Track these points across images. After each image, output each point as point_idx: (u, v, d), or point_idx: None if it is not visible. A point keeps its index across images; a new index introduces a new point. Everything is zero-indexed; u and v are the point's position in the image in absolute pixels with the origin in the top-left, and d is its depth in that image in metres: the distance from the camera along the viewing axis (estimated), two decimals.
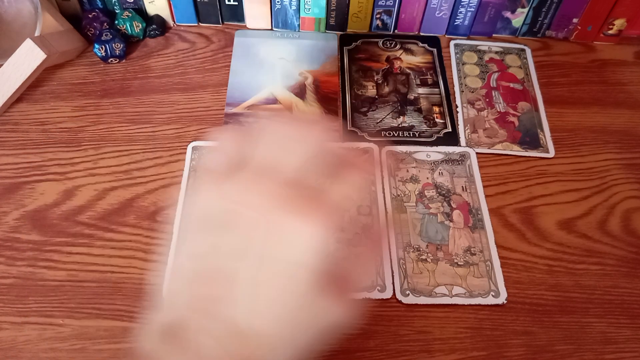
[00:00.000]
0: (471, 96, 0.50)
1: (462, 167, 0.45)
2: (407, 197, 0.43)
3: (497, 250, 0.40)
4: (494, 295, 0.38)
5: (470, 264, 0.40)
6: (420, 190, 0.43)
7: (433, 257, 0.40)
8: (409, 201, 0.43)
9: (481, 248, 0.41)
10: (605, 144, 0.47)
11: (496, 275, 0.39)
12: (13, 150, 0.45)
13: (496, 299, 0.38)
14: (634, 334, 0.37)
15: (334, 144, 0.26)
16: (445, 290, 0.38)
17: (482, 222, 0.42)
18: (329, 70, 0.52)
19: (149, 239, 0.41)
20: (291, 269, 0.23)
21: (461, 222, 0.42)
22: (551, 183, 0.45)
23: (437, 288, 0.38)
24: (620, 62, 0.54)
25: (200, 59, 0.52)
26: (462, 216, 0.42)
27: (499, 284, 0.39)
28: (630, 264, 0.41)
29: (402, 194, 0.43)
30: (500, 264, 0.40)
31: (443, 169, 0.45)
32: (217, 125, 0.47)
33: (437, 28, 0.55)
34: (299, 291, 0.23)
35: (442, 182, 0.44)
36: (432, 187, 0.44)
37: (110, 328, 0.36)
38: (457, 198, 0.43)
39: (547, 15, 0.53)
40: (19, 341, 0.36)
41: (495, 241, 0.41)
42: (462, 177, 0.44)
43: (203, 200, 0.25)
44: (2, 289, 0.38)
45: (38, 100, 0.48)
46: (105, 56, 0.50)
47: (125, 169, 0.44)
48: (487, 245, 0.41)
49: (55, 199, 0.42)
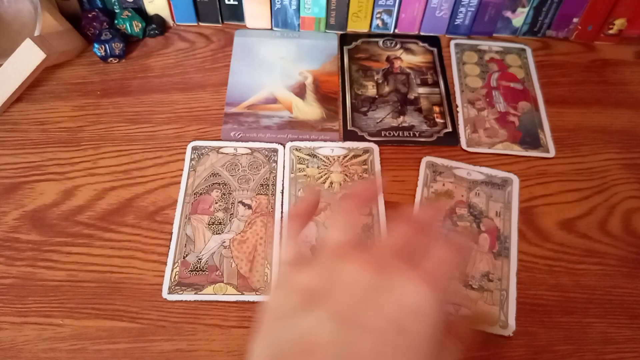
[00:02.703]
0: (471, 96, 0.50)
1: (501, 192, 0.43)
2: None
3: (516, 283, 0.39)
4: (501, 325, 0.37)
5: (485, 290, 0.39)
6: (452, 207, 0.43)
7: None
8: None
9: (500, 276, 0.39)
10: (605, 144, 0.47)
11: (509, 307, 0.38)
12: (12, 150, 0.45)
13: (503, 329, 0.37)
14: (634, 334, 0.37)
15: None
16: (452, 309, 0.38)
17: (508, 250, 0.41)
18: (329, 70, 0.52)
19: (149, 239, 0.41)
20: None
21: (486, 246, 0.41)
22: (551, 183, 0.45)
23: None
24: (621, 62, 0.53)
25: (200, 59, 0.52)
26: (489, 241, 0.41)
27: (509, 315, 0.38)
28: (631, 264, 0.40)
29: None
30: (517, 296, 0.39)
31: (481, 190, 0.43)
32: (216, 124, 0.47)
33: (437, 28, 0.54)
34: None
35: (476, 203, 0.43)
36: (465, 205, 0.43)
37: (110, 328, 0.36)
38: (488, 222, 0.42)
39: (547, 15, 0.53)
40: (18, 341, 0.36)
41: (517, 273, 0.40)
42: (498, 202, 0.43)
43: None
44: (2, 289, 0.38)
45: (37, 100, 0.48)
46: (105, 56, 0.50)
47: (125, 169, 0.44)
48: (507, 274, 0.40)
49: (55, 199, 0.42)
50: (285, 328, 0.26)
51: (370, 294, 0.25)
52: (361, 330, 0.24)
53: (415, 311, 0.25)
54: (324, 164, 0.44)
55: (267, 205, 0.42)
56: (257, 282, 0.39)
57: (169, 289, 0.38)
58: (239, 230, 0.41)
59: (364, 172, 0.44)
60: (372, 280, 0.26)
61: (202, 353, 0.36)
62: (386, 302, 0.25)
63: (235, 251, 0.40)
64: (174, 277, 0.39)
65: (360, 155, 0.45)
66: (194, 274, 0.39)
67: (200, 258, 0.40)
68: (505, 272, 0.40)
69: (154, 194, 0.43)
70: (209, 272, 0.39)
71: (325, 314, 0.25)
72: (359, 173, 0.44)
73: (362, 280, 0.26)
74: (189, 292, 0.38)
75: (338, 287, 0.26)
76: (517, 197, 0.43)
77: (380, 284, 0.25)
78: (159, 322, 0.37)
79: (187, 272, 0.39)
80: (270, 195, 0.43)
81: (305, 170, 0.44)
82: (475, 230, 0.41)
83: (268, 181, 0.44)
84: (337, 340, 0.24)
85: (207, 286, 0.38)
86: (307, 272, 0.28)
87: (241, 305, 0.38)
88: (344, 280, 0.26)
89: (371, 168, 0.44)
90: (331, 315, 0.25)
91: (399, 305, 0.25)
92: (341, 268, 0.26)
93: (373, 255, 0.27)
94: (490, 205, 0.43)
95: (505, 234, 0.42)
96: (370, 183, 0.35)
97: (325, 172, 0.44)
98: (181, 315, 0.37)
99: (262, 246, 0.40)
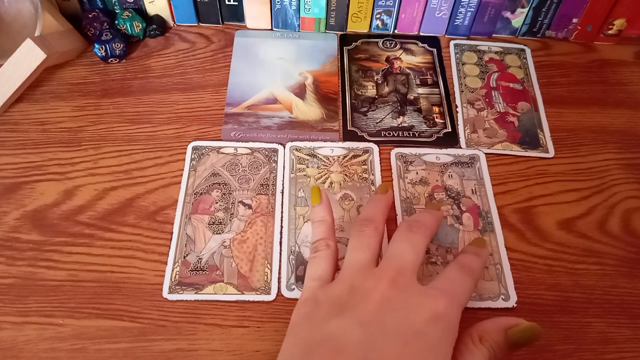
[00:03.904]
0: (471, 96, 0.50)
1: (471, 170, 0.44)
2: (417, 199, 0.43)
3: (507, 254, 0.40)
4: (503, 298, 0.38)
5: None
6: (430, 193, 0.43)
7: (443, 260, 0.40)
8: (418, 203, 0.43)
9: (491, 251, 0.40)
10: (605, 144, 0.47)
11: (506, 279, 0.39)
12: (13, 150, 0.45)
13: (506, 302, 0.38)
14: (634, 334, 0.37)
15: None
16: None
17: (492, 225, 0.42)
18: (329, 70, 0.52)
19: (149, 238, 0.41)
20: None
21: (471, 225, 0.42)
22: (551, 183, 0.45)
23: None
24: (620, 62, 0.54)
25: (200, 59, 0.52)
26: (472, 219, 0.42)
27: (509, 287, 0.39)
28: (630, 264, 0.41)
29: (411, 197, 0.43)
30: (510, 267, 0.40)
31: (452, 172, 0.44)
32: (217, 125, 0.47)
33: (437, 28, 0.55)
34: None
35: (451, 185, 0.44)
36: (442, 189, 0.43)
37: (110, 328, 0.37)
38: (466, 201, 0.43)
39: (547, 15, 0.53)
40: (19, 341, 0.36)
41: (507, 244, 0.41)
42: (471, 179, 0.44)
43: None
44: (2, 289, 0.38)
45: (38, 100, 0.48)
46: (105, 56, 0.50)
47: (125, 169, 0.44)
48: (497, 248, 0.40)
49: (55, 199, 0.42)
50: (316, 329, 0.29)
51: (391, 304, 0.30)
52: (385, 333, 0.28)
53: (431, 318, 0.29)
54: (323, 164, 0.45)
55: (267, 205, 0.42)
56: (257, 281, 0.39)
57: (170, 289, 0.38)
58: (239, 230, 0.41)
59: (363, 172, 0.44)
60: (390, 293, 0.30)
61: (202, 352, 0.36)
62: (405, 311, 0.29)
63: (236, 251, 0.40)
64: (174, 277, 0.39)
65: (360, 155, 0.45)
66: (195, 274, 0.39)
67: (200, 258, 0.40)
68: (495, 246, 0.41)
69: (155, 194, 0.43)
70: (209, 272, 0.39)
71: (353, 319, 0.29)
72: (359, 173, 0.44)
73: (383, 293, 0.30)
74: (190, 291, 0.38)
75: (362, 298, 0.30)
76: (487, 171, 0.44)
77: (398, 297, 0.30)
78: (159, 321, 0.37)
79: (187, 271, 0.39)
80: (271, 195, 0.43)
81: (305, 170, 0.44)
82: (457, 211, 0.42)
83: (268, 181, 0.44)
84: (364, 340, 0.28)
85: (208, 286, 0.38)
86: (333, 286, 0.32)
87: (241, 304, 0.38)
88: (366, 293, 0.30)
89: (371, 168, 0.44)
90: (359, 321, 0.29)
91: (416, 313, 0.29)
92: (364, 283, 0.31)
93: (390, 272, 0.31)
94: (465, 185, 0.44)
95: (485, 209, 0.42)
96: (433, 214, 0.38)
97: (325, 172, 0.44)
98: (181, 314, 0.37)
99: (262, 246, 0.40)
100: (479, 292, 0.38)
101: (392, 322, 0.29)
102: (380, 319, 0.29)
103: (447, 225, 0.42)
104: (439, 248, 0.40)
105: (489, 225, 0.42)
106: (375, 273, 0.32)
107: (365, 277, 0.32)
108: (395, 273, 0.31)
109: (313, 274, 0.34)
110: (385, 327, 0.28)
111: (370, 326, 0.28)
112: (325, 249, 0.35)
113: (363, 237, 0.35)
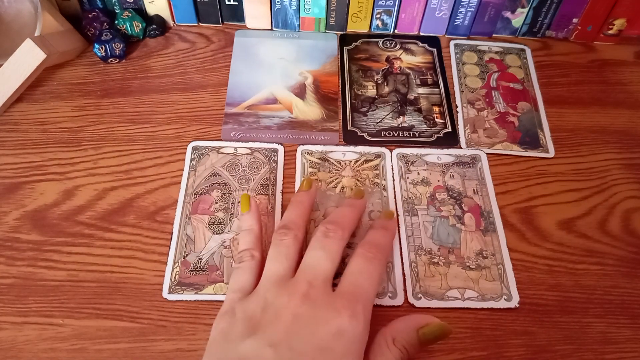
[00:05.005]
0: (471, 96, 0.50)
1: (473, 170, 0.44)
2: (419, 199, 0.43)
3: (509, 254, 0.40)
4: (506, 299, 0.38)
5: (483, 268, 0.39)
6: (432, 193, 0.43)
7: (445, 260, 0.40)
8: (420, 204, 0.42)
9: (493, 251, 0.40)
10: (605, 144, 0.47)
11: (508, 279, 0.39)
12: (13, 150, 0.45)
13: (508, 302, 0.38)
14: (634, 334, 0.37)
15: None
16: (458, 293, 0.38)
17: (494, 225, 0.42)
18: (329, 70, 0.52)
19: (149, 238, 0.41)
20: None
21: (473, 225, 0.42)
22: (551, 183, 0.45)
23: (450, 291, 0.38)
24: (620, 62, 0.54)
25: (200, 59, 0.52)
26: (474, 219, 0.42)
27: (511, 287, 0.39)
28: (630, 264, 0.41)
29: (413, 197, 0.43)
30: (512, 267, 0.40)
31: (454, 172, 0.44)
32: (216, 125, 0.47)
33: (437, 28, 0.55)
34: None
35: (453, 185, 0.44)
36: (444, 189, 0.43)
37: (110, 328, 0.37)
38: (468, 201, 0.43)
39: (547, 15, 0.53)
40: (18, 341, 0.36)
41: (507, 244, 0.41)
42: (473, 179, 0.44)
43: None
44: (2, 289, 0.38)
45: (38, 100, 0.48)
46: (105, 56, 0.50)
47: (125, 169, 0.44)
48: (498, 248, 0.40)
49: (55, 199, 0.42)
50: (231, 350, 0.30)
51: (300, 322, 0.30)
52: (292, 353, 0.29)
53: (336, 333, 0.30)
54: (335, 168, 0.44)
55: (267, 205, 0.42)
56: None
57: (170, 289, 0.38)
58: (239, 230, 0.41)
59: (375, 177, 0.44)
60: (300, 309, 0.31)
61: (202, 353, 0.35)
62: (312, 328, 0.30)
63: (236, 251, 0.40)
64: (174, 277, 0.39)
65: (372, 160, 0.45)
66: (194, 274, 0.39)
67: (200, 258, 0.40)
68: (497, 247, 0.40)
69: (155, 194, 0.43)
70: (209, 272, 0.39)
71: (264, 340, 0.30)
72: (371, 178, 0.44)
73: (294, 310, 0.31)
74: (190, 291, 0.38)
75: (274, 317, 0.31)
76: (489, 171, 0.44)
77: (307, 313, 0.31)
78: (159, 321, 0.37)
79: (187, 271, 0.39)
80: (271, 195, 0.43)
81: (317, 175, 0.44)
82: (459, 212, 0.42)
83: (268, 181, 0.44)
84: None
85: (208, 286, 0.38)
86: (250, 299, 0.33)
87: None
88: (278, 311, 0.31)
89: (382, 173, 0.44)
90: (269, 342, 0.30)
91: (323, 328, 0.30)
92: (277, 299, 0.32)
93: (302, 285, 0.32)
94: (467, 185, 0.44)
95: (487, 209, 0.42)
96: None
97: (337, 177, 0.44)
98: (181, 315, 0.37)
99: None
100: (482, 293, 0.38)
101: (300, 341, 0.30)
102: (289, 338, 0.30)
103: (449, 225, 0.41)
104: (441, 248, 0.40)
105: (491, 225, 0.42)
106: (289, 287, 0.32)
107: (279, 291, 0.32)
108: (307, 286, 0.32)
109: (234, 285, 0.35)
110: (294, 348, 0.29)
111: (280, 348, 0.29)
112: (250, 259, 0.36)
113: (281, 247, 0.35)
